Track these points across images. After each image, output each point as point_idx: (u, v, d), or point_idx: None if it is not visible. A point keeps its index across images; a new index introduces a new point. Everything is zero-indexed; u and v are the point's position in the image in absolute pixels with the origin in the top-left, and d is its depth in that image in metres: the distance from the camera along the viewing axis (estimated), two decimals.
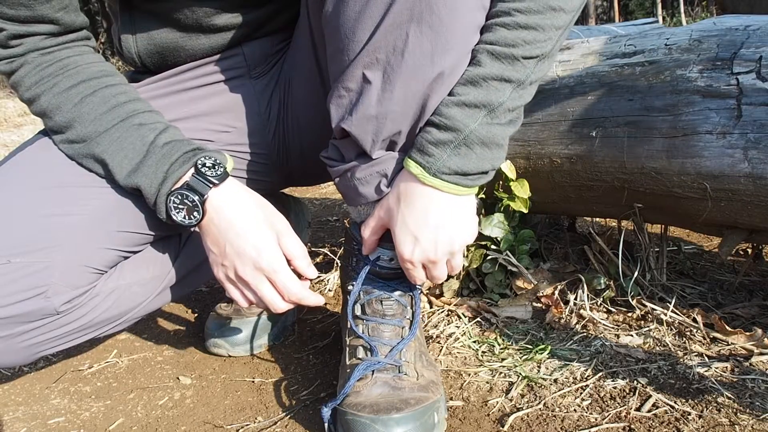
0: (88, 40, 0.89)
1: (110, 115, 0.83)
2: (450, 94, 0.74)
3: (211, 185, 0.81)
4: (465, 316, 1.17)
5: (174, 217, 0.81)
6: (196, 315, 1.38)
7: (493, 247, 1.23)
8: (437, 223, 0.77)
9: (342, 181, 0.84)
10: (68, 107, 0.83)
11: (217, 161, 0.82)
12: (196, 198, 0.80)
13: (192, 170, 0.81)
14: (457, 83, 0.74)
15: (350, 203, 0.87)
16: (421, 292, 1.09)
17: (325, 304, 1.37)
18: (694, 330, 1.03)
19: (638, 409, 0.84)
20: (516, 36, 0.71)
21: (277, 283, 0.83)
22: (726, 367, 0.92)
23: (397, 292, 0.90)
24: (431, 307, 1.23)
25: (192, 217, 0.81)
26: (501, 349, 1.05)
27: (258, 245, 0.81)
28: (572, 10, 0.73)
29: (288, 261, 0.84)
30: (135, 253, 0.91)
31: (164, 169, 0.81)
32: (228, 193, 0.82)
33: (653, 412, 0.83)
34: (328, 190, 2.57)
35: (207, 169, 0.81)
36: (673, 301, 1.09)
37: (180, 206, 0.81)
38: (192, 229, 0.89)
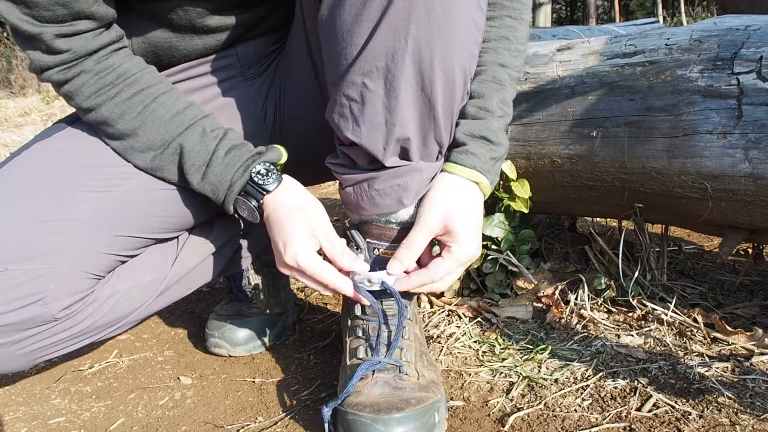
0: (123, 38, 0.89)
1: (173, 124, 0.86)
2: (493, 111, 0.81)
3: (264, 192, 0.84)
4: (465, 316, 1.17)
5: (242, 215, 0.88)
6: (196, 315, 1.38)
7: (493, 247, 1.23)
8: (481, 224, 0.85)
9: (356, 190, 0.83)
10: (131, 116, 0.86)
11: (270, 167, 0.85)
12: (253, 203, 0.85)
13: (248, 178, 0.85)
14: (498, 102, 0.81)
15: (357, 212, 0.86)
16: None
17: (326, 304, 1.37)
18: (695, 330, 1.03)
19: (639, 409, 0.84)
20: (515, 60, 0.83)
21: (304, 277, 0.84)
22: (726, 367, 0.92)
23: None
24: (432, 307, 1.23)
25: (254, 217, 0.87)
26: (501, 349, 1.05)
27: (285, 243, 0.83)
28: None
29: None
30: (132, 257, 0.91)
31: (228, 179, 0.85)
32: (277, 199, 0.85)
33: (654, 412, 0.83)
34: (328, 190, 2.57)
35: (260, 177, 0.84)
36: (674, 301, 1.09)
37: (243, 207, 0.86)
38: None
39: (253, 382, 1.04)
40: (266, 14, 0.97)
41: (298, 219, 0.83)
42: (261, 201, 0.85)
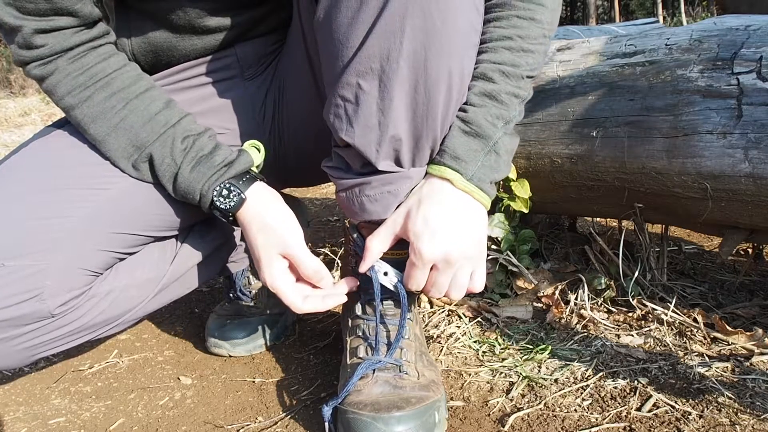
0: (107, 35, 0.88)
1: (144, 132, 0.85)
2: (471, 104, 0.76)
3: (232, 211, 0.85)
4: (465, 316, 1.17)
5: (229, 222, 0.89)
6: (196, 315, 1.38)
7: (493, 247, 1.23)
8: (460, 224, 0.76)
9: (348, 195, 0.83)
10: (102, 121, 0.85)
11: (231, 187, 0.85)
12: (224, 220, 0.87)
13: (210, 199, 0.85)
14: (477, 94, 0.77)
15: (350, 216, 0.86)
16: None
17: None
18: (695, 330, 1.03)
19: (639, 409, 0.84)
20: (519, 58, 0.77)
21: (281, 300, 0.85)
22: (726, 367, 0.92)
23: None
24: (432, 307, 1.23)
25: (235, 225, 0.89)
26: (501, 349, 1.05)
27: (260, 268, 0.85)
28: (551, 38, 0.81)
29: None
30: (131, 254, 0.91)
31: (195, 195, 0.86)
32: (241, 218, 0.86)
33: (654, 412, 0.83)
34: (328, 190, 2.57)
35: (221, 200, 0.85)
36: (674, 301, 1.09)
37: (222, 217, 0.88)
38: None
39: (253, 382, 1.04)
40: (265, 15, 0.97)
41: (265, 241, 0.84)
42: (231, 218, 0.86)
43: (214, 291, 1.52)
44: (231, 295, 1.21)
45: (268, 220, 0.85)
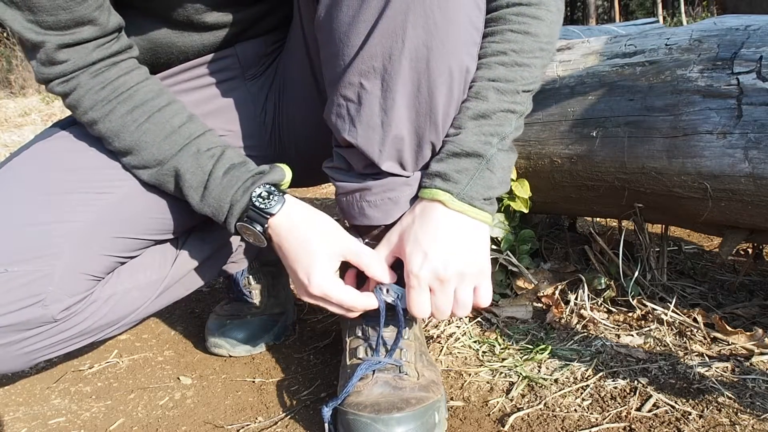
0: (130, 50, 0.87)
1: (166, 144, 0.84)
2: (464, 125, 0.75)
3: (267, 216, 0.81)
4: (465, 316, 1.17)
5: (247, 240, 0.85)
6: (196, 315, 1.38)
7: (493, 247, 1.23)
8: (452, 243, 0.75)
9: (348, 199, 0.83)
10: (126, 135, 0.84)
11: (271, 189, 0.81)
12: (258, 228, 0.82)
13: (248, 201, 0.81)
14: (470, 116, 0.75)
15: (349, 221, 0.86)
16: None
17: None
18: (695, 330, 1.03)
19: (639, 409, 0.84)
20: (514, 73, 0.75)
21: (330, 305, 0.82)
22: (726, 367, 0.92)
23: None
24: None
25: (260, 241, 0.83)
26: (501, 349, 1.05)
27: (308, 274, 0.80)
28: (553, 51, 0.80)
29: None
30: (132, 258, 0.91)
31: (227, 200, 0.82)
32: (284, 221, 0.81)
33: (654, 412, 0.83)
34: (328, 190, 2.57)
35: (261, 200, 0.81)
36: (674, 301, 1.09)
37: (248, 233, 0.83)
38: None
39: (253, 382, 1.04)
40: (265, 13, 0.97)
41: (316, 243, 0.80)
42: (266, 225, 0.81)
43: (214, 291, 1.52)
44: (231, 295, 1.21)
45: (321, 223, 0.82)
